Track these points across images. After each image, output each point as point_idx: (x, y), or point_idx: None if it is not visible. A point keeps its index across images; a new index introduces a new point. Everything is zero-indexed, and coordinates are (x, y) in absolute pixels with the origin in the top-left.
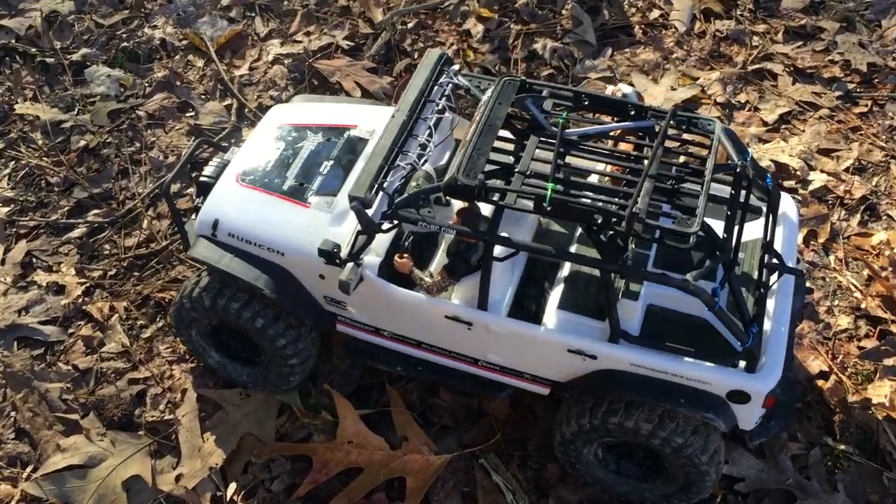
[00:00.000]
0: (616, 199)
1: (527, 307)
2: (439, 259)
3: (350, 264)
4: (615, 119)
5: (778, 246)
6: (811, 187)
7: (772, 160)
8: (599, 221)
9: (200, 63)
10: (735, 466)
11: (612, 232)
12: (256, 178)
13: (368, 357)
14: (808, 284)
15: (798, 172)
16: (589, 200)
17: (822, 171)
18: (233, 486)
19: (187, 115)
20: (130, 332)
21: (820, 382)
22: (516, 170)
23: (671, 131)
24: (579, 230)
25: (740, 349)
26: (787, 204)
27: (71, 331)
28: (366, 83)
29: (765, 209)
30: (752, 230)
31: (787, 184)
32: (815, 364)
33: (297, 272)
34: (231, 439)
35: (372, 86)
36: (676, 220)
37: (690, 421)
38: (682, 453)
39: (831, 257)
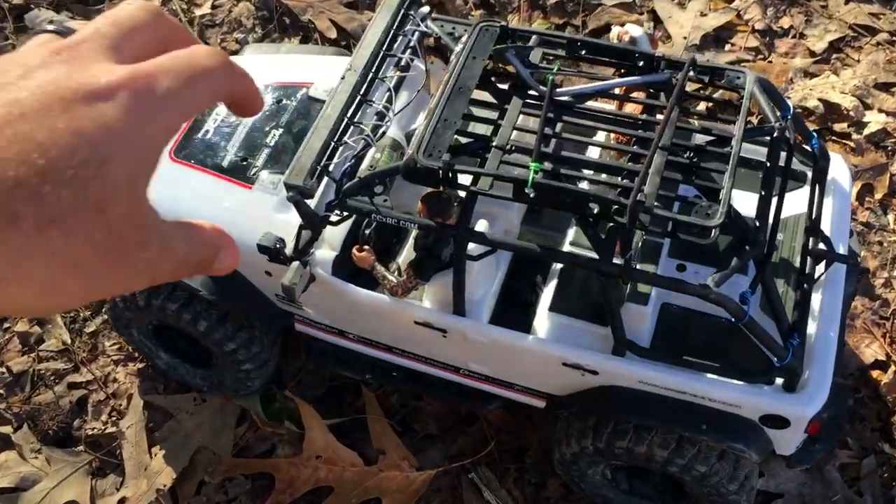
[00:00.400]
0: (619, 180)
1: (517, 305)
2: (407, 251)
3: (295, 264)
4: (620, 72)
5: (826, 223)
6: (867, 131)
7: (820, 99)
8: (596, 211)
9: (157, 2)
10: (772, 480)
11: (612, 224)
12: (193, 152)
13: (333, 363)
14: (861, 254)
15: (851, 113)
16: (586, 182)
17: (880, 111)
18: None
19: None
20: (72, 325)
21: (875, 373)
22: (493, 144)
23: (691, 86)
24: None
25: (777, 365)
26: (837, 169)
27: (7, 325)
28: (343, 21)
29: (810, 176)
30: (794, 202)
31: (837, 128)
32: (870, 351)
33: (240, 267)
34: (183, 454)
35: (350, 24)
36: (696, 207)
37: (716, 446)
38: (705, 482)
39: (890, 216)
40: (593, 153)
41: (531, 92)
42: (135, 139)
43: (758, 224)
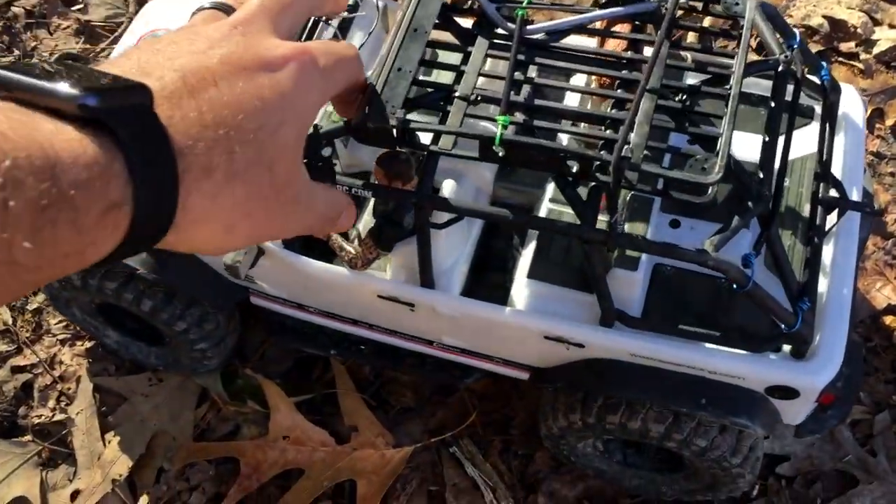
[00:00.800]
0: (601, 132)
1: (493, 271)
2: (368, 217)
3: None
4: (600, 3)
5: (837, 165)
6: (876, 49)
7: (824, 16)
8: (575, 170)
9: None
10: (777, 441)
11: (593, 184)
12: None
13: (295, 338)
14: (873, 188)
15: (859, 30)
16: (565, 136)
17: (891, 26)
18: (144, 501)
19: (74, 8)
20: (13, 303)
21: (888, 319)
22: (455, 94)
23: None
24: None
25: (785, 332)
26: (849, 101)
27: None
28: None
29: (818, 111)
30: (801, 141)
31: (844, 47)
32: (882, 295)
33: None
34: (139, 440)
35: None
36: (690, 159)
37: (716, 421)
38: (706, 456)
39: None
40: (572, 100)
41: (498, 31)
42: (301, 106)
43: (761, 175)
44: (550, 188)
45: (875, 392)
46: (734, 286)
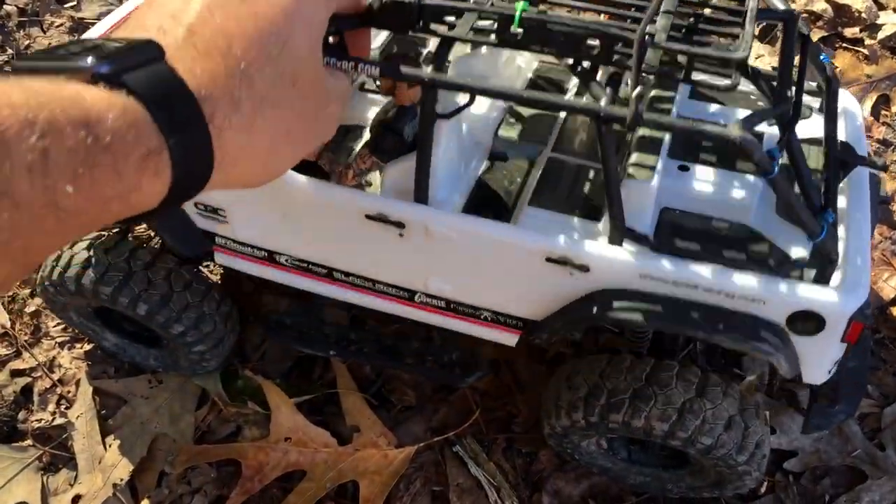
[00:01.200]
0: (624, 24)
1: (490, 209)
2: (365, 139)
3: None
4: None
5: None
6: (881, 34)
7: (827, 1)
8: (595, 52)
9: None
10: (784, 436)
11: (613, 73)
12: None
13: (294, 339)
14: (880, 174)
15: (863, 15)
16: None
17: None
18: None
19: (67, 6)
20: (11, 305)
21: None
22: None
23: None
24: (570, 95)
25: (809, 245)
26: (847, 100)
27: None
28: None
29: (816, 106)
30: (802, 131)
31: (848, 32)
32: (889, 286)
33: None
34: (140, 443)
35: None
36: (714, 42)
37: (720, 414)
38: (711, 454)
39: None
40: None
41: None
42: (306, 12)
43: (780, 83)
44: (551, 142)
45: (883, 385)
46: (760, 171)
